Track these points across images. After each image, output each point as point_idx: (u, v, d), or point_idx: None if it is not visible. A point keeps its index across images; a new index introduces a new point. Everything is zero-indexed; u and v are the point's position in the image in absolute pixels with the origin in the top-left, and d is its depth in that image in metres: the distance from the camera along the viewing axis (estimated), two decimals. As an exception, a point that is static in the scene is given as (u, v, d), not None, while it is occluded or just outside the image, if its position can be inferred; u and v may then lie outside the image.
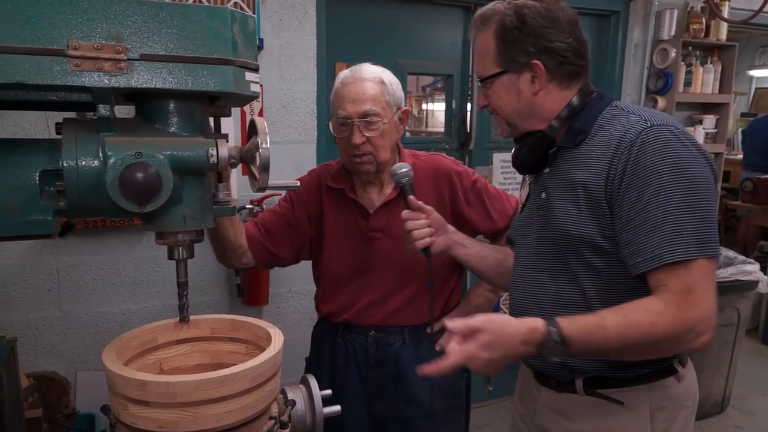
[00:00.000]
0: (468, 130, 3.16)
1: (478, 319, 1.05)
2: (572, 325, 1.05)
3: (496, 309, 3.08)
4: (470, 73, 3.12)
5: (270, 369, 0.99)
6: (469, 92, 3.14)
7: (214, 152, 0.99)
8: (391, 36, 2.94)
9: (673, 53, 3.33)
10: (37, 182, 0.93)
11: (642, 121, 1.14)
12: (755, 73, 7.94)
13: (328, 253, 1.66)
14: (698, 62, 3.48)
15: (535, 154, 1.26)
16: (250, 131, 1.11)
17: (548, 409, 1.33)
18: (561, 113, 1.23)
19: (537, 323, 1.05)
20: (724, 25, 3.41)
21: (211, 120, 1.12)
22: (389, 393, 1.64)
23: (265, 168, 1.01)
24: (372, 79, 1.53)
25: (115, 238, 2.43)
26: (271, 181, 1.07)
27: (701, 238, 1.06)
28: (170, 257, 1.08)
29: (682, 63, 3.41)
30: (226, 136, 1.13)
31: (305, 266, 2.87)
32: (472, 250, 1.50)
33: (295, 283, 2.77)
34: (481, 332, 1.04)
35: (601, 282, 1.17)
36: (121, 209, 0.94)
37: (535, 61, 1.20)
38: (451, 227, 1.49)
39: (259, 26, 2.53)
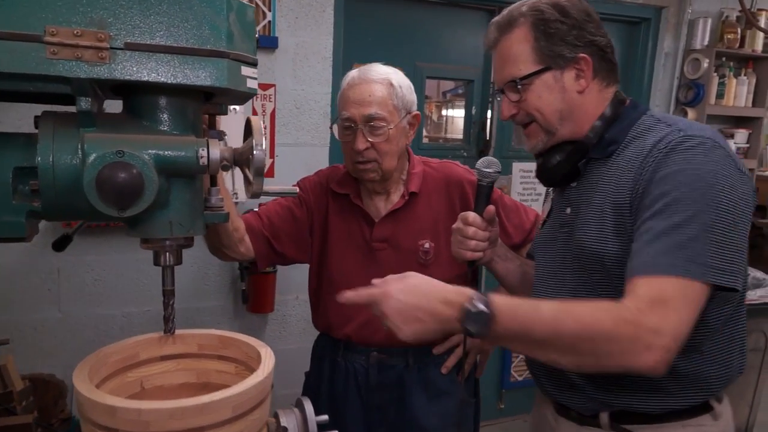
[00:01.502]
0: (487, 138, 3.05)
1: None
2: (504, 299, 0.94)
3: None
4: (492, 79, 3.01)
5: (257, 395, 0.89)
6: (490, 99, 3.03)
7: (204, 153, 0.90)
8: (410, 38, 2.84)
9: (705, 64, 3.18)
10: (10, 180, 0.85)
11: (676, 131, 1.03)
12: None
13: (330, 259, 1.55)
14: (731, 74, 3.33)
15: (570, 165, 1.15)
16: (246, 132, 1.02)
17: (568, 442, 1.21)
18: (595, 125, 1.12)
19: (467, 289, 0.96)
20: (760, 36, 3.26)
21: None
22: (391, 419, 1.53)
23: (258, 172, 0.92)
24: (380, 80, 1.44)
25: (119, 239, 2.36)
26: (268, 187, 0.98)
27: (709, 262, 0.92)
28: (156, 263, 1.00)
29: (715, 74, 3.26)
30: (220, 135, 1.04)
31: (314, 273, 2.81)
32: (512, 264, 1.39)
33: (302, 291, 2.66)
34: (409, 276, 1.02)
35: None
36: (99, 213, 0.86)
37: (583, 55, 1.10)
38: (499, 240, 1.38)
39: (274, 24, 2.45)
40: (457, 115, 3.42)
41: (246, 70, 0.93)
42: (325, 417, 1.09)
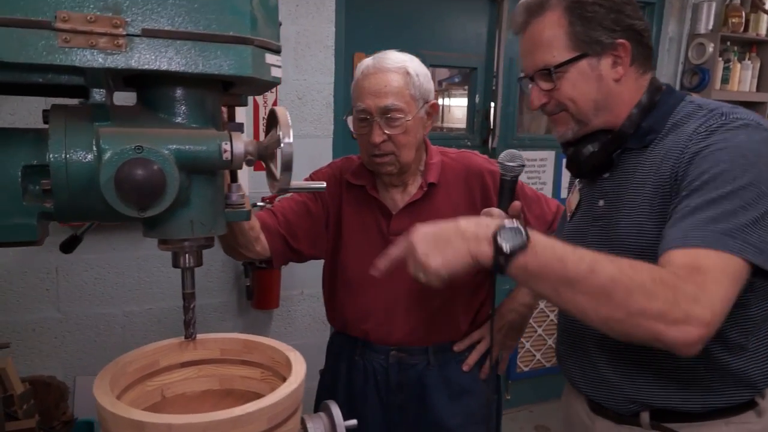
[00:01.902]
0: (491, 127, 3.00)
1: None
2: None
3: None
4: (495, 67, 2.95)
5: (291, 405, 0.84)
6: (494, 86, 2.98)
7: (227, 147, 0.84)
8: (412, 26, 2.77)
9: (710, 48, 3.14)
10: (20, 180, 0.79)
11: (718, 115, 0.99)
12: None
13: (345, 253, 1.50)
14: (735, 58, 3.30)
15: (605, 156, 1.10)
16: (270, 123, 0.95)
17: (605, 440, 1.17)
18: (632, 112, 1.07)
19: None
20: (765, 20, 3.23)
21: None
22: (411, 418, 1.49)
23: (287, 167, 0.86)
24: (396, 69, 1.37)
25: (119, 236, 2.29)
26: (294, 182, 0.92)
27: (749, 239, 0.87)
28: (175, 265, 0.94)
29: (720, 59, 3.22)
30: (241, 127, 0.98)
31: (318, 267, 2.74)
32: None
33: (308, 285, 2.63)
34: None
35: None
36: (117, 213, 0.80)
37: (621, 40, 1.04)
38: None
39: (274, 12, 2.37)
40: (454, 104, 3.37)
41: (270, 58, 0.87)
42: (353, 422, 1.04)
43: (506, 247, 0.86)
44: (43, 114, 0.82)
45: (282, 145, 0.84)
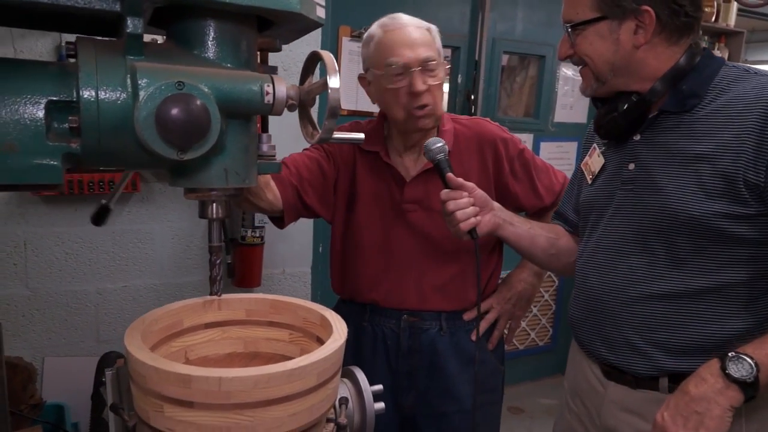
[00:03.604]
0: (473, 108, 2.99)
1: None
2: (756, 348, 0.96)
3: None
4: (477, 47, 2.94)
5: (337, 362, 0.81)
6: (475, 68, 2.97)
7: (270, 90, 0.79)
8: (397, 3, 2.73)
9: (682, 37, 3.23)
10: (43, 116, 0.71)
11: None
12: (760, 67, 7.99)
13: (358, 220, 1.46)
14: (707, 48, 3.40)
15: (628, 120, 1.10)
16: (306, 69, 0.90)
17: (617, 407, 1.17)
18: (666, 74, 1.07)
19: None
20: (734, 11, 3.34)
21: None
22: (421, 385, 1.47)
23: (333, 113, 0.81)
24: (418, 25, 1.36)
25: (92, 209, 2.16)
26: (334, 133, 0.87)
27: None
28: (202, 215, 0.88)
29: (690, 47, 3.31)
30: (275, 70, 0.92)
31: (300, 246, 2.68)
32: (522, 229, 1.33)
33: (289, 264, 2.57)
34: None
35: (711, 268, 1.03)
36: (151, 156, 0.74)
37: (646, 7, 1.03)
38: (496, 204, 1.31)
39: (259, -20, 2.28)
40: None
41: (315, -4, 0.82)
42: (379, 387, 1.02)
43: (743, 375, 0.93)
44: (67, 47, 0.75)
45: (330, 90, 0.79)
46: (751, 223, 1.00)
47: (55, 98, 0.72)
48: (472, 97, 3.00)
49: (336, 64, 0.81)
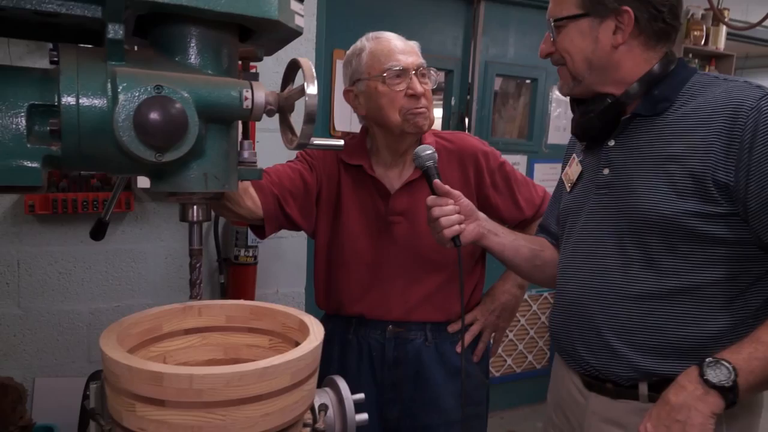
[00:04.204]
0: (467, 130, 3.03)
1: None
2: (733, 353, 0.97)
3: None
4: (471, 70, 2.99)
5: (312, 363, 0.80)
6: (468, 92, 3.01)
7: (248, 95, 0.81)
8: (391, 26, 2.77)
9: (672, 60, 3.28)
10: (25, 119, 0.73)
11: (753, 88, 1.01)
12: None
13: (343, 234, 1.47)
14: (696, 71, 3.46)
15: (603, 121, 1.12)
16: (287, 76, 0.93)
17: (599, 418, 1.16)
18: (641, 79, 1.09)
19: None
20: (723, 35, 3.40)
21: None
22: (406, 397, 1.46)
23: (310, 118, 0.83)
24: (404, 38, 1.45)
25: (86, 228, 2.15)
26: (313, 139, 0.88)
27: None
28: (182, 219, 0.89)
29: (681, 71, 3.35)
30: (257, 76, 0.94)
31: (293, 266, 2.68)
32: (506, 239, 1.34)
33: (282, 284, 2.56)
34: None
35: (684, 268, 1.03)
36: (131, 159, 0.75)
37: (625, 8, 1.06)
38: (482, 214, 1.32)
39: (254, 5, 2.34)
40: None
41: (294, 5, 0.84)
42: (361, 395, 1.01)
43: (721, 380, 0.94)
44: (50, 54, 0.77)
45: (306, 96, 0.81)
46: (723, 222, 1.01)
47: (37, 102, 0.74)
48: (466, 119, 3.03)
49: (314, 71, 0.83)
